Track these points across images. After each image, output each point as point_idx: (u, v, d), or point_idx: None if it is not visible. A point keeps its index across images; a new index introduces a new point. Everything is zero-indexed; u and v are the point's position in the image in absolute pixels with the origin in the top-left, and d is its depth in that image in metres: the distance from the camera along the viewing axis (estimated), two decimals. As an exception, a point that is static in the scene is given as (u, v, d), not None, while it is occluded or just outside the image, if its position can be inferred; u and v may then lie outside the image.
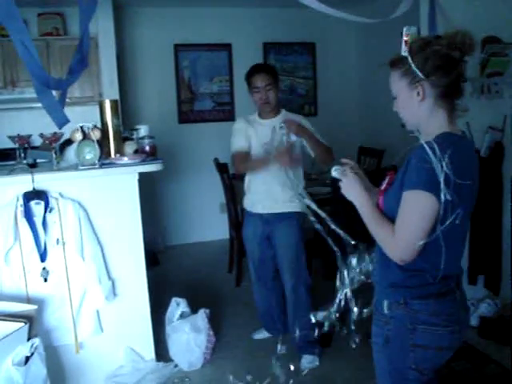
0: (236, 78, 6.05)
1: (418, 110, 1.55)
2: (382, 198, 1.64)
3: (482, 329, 3.45)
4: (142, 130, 3.33)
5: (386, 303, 1.62)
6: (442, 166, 1.41)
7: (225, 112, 6.10)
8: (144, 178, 3.05)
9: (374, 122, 6.08)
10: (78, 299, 2.83)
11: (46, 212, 2.72)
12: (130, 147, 3.11)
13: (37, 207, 2.72)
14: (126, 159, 2.94)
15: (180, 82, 5.94)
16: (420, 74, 1.49)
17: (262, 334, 3.54)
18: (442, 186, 1.41)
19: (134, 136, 3.28)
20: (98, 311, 2.93)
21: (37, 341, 2.37)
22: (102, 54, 4.89)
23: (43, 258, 2.75)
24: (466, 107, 1.58)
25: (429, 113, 1.54)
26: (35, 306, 2.54)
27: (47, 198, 2.72)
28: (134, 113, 5.57)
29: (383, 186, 1.68)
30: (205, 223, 5.97)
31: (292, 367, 2.55)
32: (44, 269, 2.75)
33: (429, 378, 1.62)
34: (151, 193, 5.55)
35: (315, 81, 6.42)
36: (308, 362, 3.16)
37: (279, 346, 2.46)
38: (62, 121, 2.49)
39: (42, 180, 2.74)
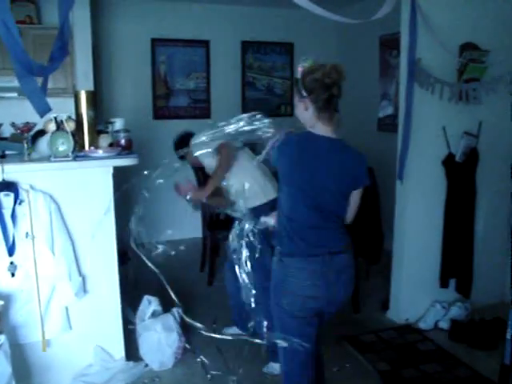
0: (213, 75, 6.01)
1: (305, 118, 2.10)
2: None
3: (453, 332, 3.48)
4: (118, 124, 3.27)
5: (274, 259, 2.18)
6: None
7: (201, 109, 6.03)
8: (117, 173, 2.98)
9: (349, 123, 6.08)
10: (46, 295, 2.74)
11: (15, 204, 2.62)
12: (104, 140, 3.04)
13: (6, 199, 2.62)
14: (100, 152, 2.87)
15: (156, 77, 5.85)
16: (303, 93, 2.05)
17: (232, 330, 3.50)
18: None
19: (109, 129, 3.20)
20: (66, 308, 2.85)
21: (2, 338, 2.30)
22: (78, 45, 4.72)
23: (11, 251, 2.65)
24: (340, 119, 2.11)
25: (312, 121, 2.08)
26: (1, 302, 2.46)
27: (17, 189, 2.62)
28: (108, 107, 5.45)
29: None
30: (177, 221, 5.88)
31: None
32: (12, 263, 2.65)
33: (300, 318, 2.13)
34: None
35: (292, 81, 6.41)
36: (272, 369, 3.06)
37: None
38: (44, 108, 2.39)
39: (13, 171, 2.64)
